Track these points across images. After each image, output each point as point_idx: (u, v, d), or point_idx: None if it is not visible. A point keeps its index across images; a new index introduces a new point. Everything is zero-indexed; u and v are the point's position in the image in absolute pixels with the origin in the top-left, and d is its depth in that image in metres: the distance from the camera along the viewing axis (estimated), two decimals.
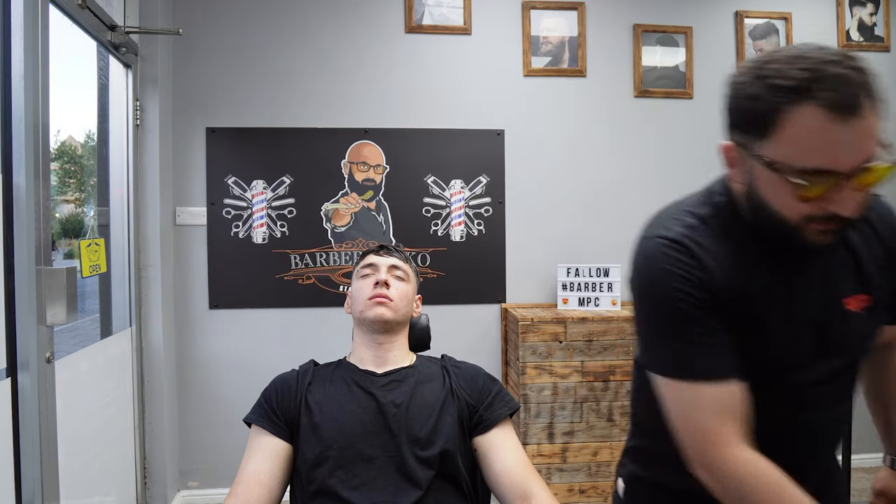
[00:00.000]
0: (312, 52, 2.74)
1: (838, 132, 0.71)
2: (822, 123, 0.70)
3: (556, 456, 2.49)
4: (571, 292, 2.73)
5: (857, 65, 0.73)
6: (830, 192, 0.74)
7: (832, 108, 0.70)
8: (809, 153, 0.72)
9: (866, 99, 0.71)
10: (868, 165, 0.74)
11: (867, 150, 0.73)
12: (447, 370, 1.26)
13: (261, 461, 1.12)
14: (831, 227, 0.78)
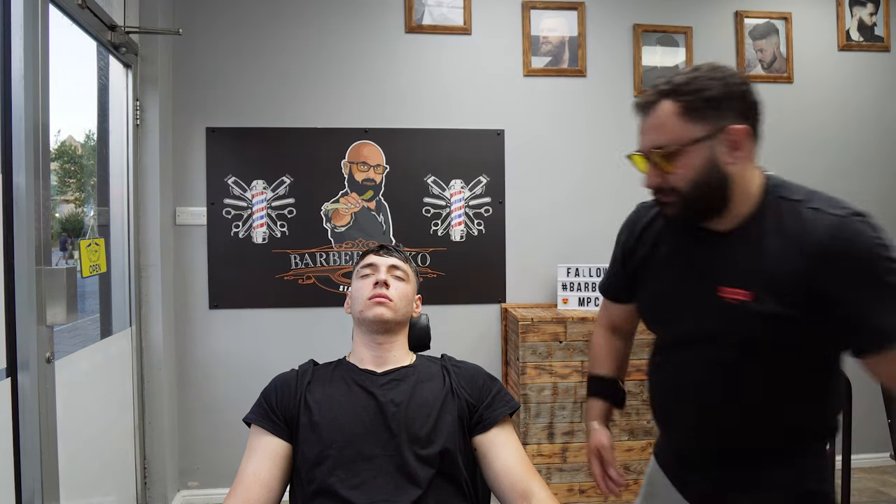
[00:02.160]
0: (312, 52, 2.74)
1: (641, 122, 1.02)
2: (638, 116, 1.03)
3: (556, 456, 2.49)
4: (571, 292, 2.73)
5: (681, 77, 0.97)
6: (641, 164, 1.03)
7: (636, 106, 1.03)
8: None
9: (663, 98, 0.97)
10: (653, 149, 0.98)
11: (654, 138, 0.98)
12: (447, 370, 1.26)
13: (261, 461, 1.12)
14: (662, 199, 1.02)
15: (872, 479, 2.89)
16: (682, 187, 0.98)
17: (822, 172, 2.99)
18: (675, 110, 0.96)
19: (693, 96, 0.95)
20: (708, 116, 0.95)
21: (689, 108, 0.95)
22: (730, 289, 0.98)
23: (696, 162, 0.96)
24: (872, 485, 2.82)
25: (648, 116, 0.99)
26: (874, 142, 3.02)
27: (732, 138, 0.95)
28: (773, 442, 1.03)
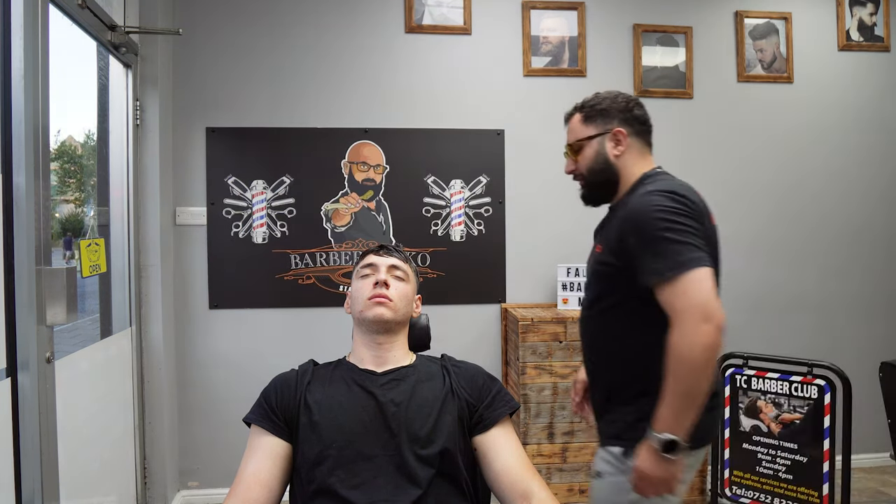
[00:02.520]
0: (312, 52, 2.74)
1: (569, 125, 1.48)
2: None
3: (556, 456, 2.49)
4: (571, 292, 2.73)
5: (588, 100, 1.45)
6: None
7: (564, 118, 1.50)
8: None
9: (574, 113, 1.46)
10: (570, 146, 1.46)
11: (569, 138, 1.47)
12: (447, 369, 1.26)
13: (261, 461, 1.12)
14: (579, 183, 1.50)
15: (872, 479, 2.89)
16: (584, 172, 1.44)
17: (822, 172, 2.99)
18: (580, 118, 1.44)
19: (590, 108, 1.42)
20: (598, 121, 1.40)
21: (587, 115, 1.42)
22: (597, 246, 1.41)
23: (590, 153, 1.41)
24: (872, 485, 2.82)
25: (567, 125, 1.48)
26: (874, 142, 3.02)
27: (615, 136, 1.39)
28: (618, 383, 1.32)
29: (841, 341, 3.00)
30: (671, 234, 1.16)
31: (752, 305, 2.96)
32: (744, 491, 2.42)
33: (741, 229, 2.95)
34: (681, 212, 1.19)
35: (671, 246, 1.15)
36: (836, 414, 2.23)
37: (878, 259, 3.03)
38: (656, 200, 1.21)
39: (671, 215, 1.18)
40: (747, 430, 2.42)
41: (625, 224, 1.25)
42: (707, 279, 1.12)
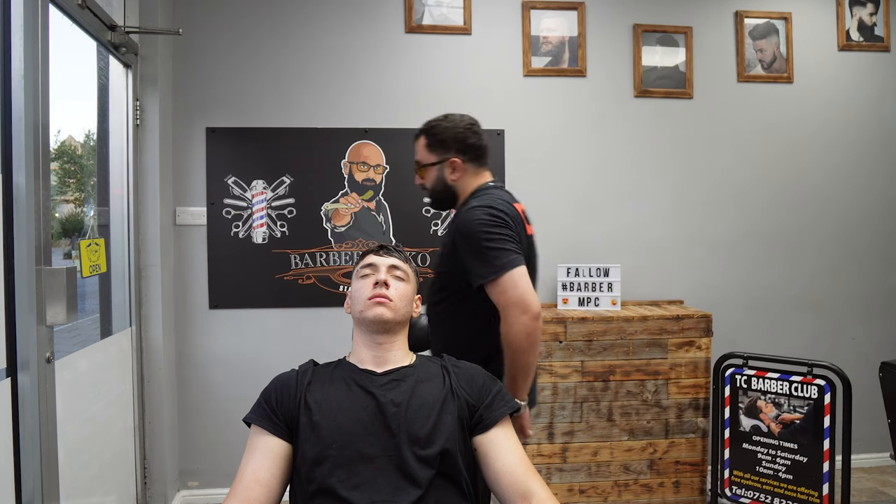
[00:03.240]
0: (312, 52, 2.74)
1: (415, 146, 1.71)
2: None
3: (556, 456, 2.49)
4: (571, 292, 2.73)
5: (434, 121, 1.68)
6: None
7: (415, 135, 1.71)
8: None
9: (420, 135, 1.68)
10: (417, 164, 1.70)
11: (417, 157, 1.69)
12: (447, 370, 1.26)
13: (260, 461, 1.12)
14: (424, 193, 1.74)
15: (872, 479, 2.89)
16: (429, 188, 1.69)
17: (822, 172, 2.99)
18: (424, 142, 1.66)
19: (432, 136, 1.65)
20: (438, 150, 1.65)
21: (430, 143, 1.66)
22: (438, 249, 1.71)
23: (432, 176, 1.67)
24: (872, 485, 2.82)
25: (415, 143, 1.70)
26: (874, 142, 3.02)
27: (451, 164, 1.64)
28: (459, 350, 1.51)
29: (841, 341, 3.00)
30: (490, 242, 1.45)
31: (751, 305, 2.96)
32: (744, 491, 2.42)
33: (741, 229, 2.95)
34: (496, 223, 1.48)
35: (490, 253, 1.44)
36: (836, 414, 2.23)
37: (877, 259, 3.03)
38: (477, 215, 1.49)
39: (488, 227, 1.47)
40: (747, 430, 2.42)
41: (456, 234, 1.53)
42: (521, 277, 1.43)
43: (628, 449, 2.52)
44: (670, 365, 2.52)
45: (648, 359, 2.51)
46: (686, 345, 2.53)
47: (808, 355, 2.72)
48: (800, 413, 2.30)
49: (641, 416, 2.51)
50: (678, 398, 2.53)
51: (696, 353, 2.53)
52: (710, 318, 2.55)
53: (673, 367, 2.52)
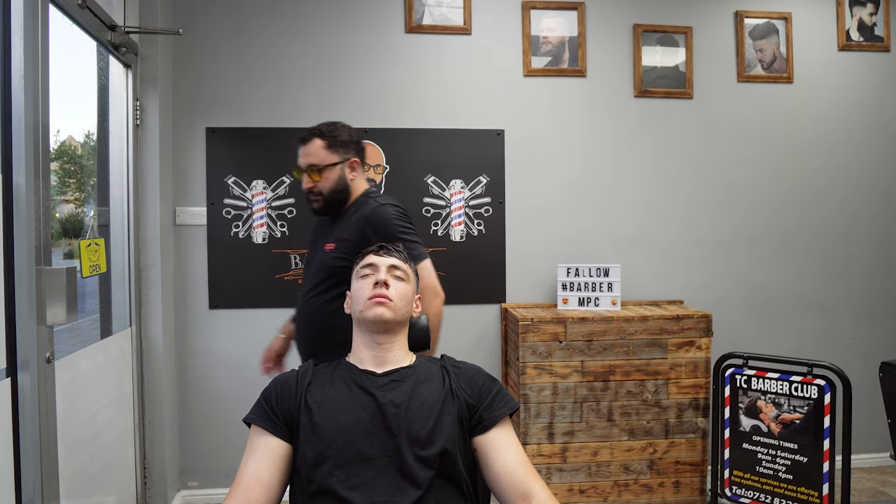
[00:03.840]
0: (312, 52, 2.74)
1: (300, 149, 1.76)
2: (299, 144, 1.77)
3: (556, 456, 2.49)
4: (571, 292, 2.73)
5: (326, 125, 1.77)
6: (302, 176, 1.76)
7: (299, 139, 1.77)
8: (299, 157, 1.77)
9: (313, 137, 1.74)
10: (311, 166, 1.73)
11: (310, 160, 1.73)
12: (447, 370, 1.26)
13: (260, 461, 1.12)
14: (311, 198, 1.76)
15: (872, 479, 2.89)
16: (325, 191, 1.73)
17: (822, 172, 2.99)
18: (322, 144, 1.73)
19: (332, 137, 1.74)
20: (340, 150, 1.74)
21: (331, 144, 1.73)
22: (327, 244, 1.73)
23: (333, 176, 1.73)
24: (872, 485, 2.82)
25: (306, 146, 1.74)
26: (874, 142, 3.02)
27: (352, 164, 1.76)
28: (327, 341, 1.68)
29: (841, 341, 3.00)
30: (405, 234, 1.67)
31: (752, 305, 2.96)
32: (744, 491, 2.42)
33: (741, 229, 2.95)
34: (407, 218, 1.73)
35: (407, 244, 1.57)
36: (836, 414, 2.23)
37: (878, 259, 3.03)
38: (390, 211, 1.69)
39: (402, 221, 1.70)
40: (747, 430, 2.42)
41: (368, 229, 1.66)
42: (432, 266, 1.71)
43: (628, 449, 2.52)
44: (670, 365, 2.52)
45: (648, 359, 2.51)
46: (686, 345, 2.53)
47: (808, 355, 2.72)
48: (800, 413, 2.30)
49: (641, 416, 2.51)
50: (678, 398, 2.53)
51: (696, 353, 2.53)
52: (710, 318, 2.55)
53: (673, 367, 2.52)
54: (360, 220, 1.69)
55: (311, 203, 1.76)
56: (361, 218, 1.69)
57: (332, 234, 1.73)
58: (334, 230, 1.74)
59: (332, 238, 1.72)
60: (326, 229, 1.78)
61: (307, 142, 1.73)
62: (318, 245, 1.78)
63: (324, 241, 1.75)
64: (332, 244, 1.71)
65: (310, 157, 1.72)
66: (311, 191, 1.73)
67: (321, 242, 1.76)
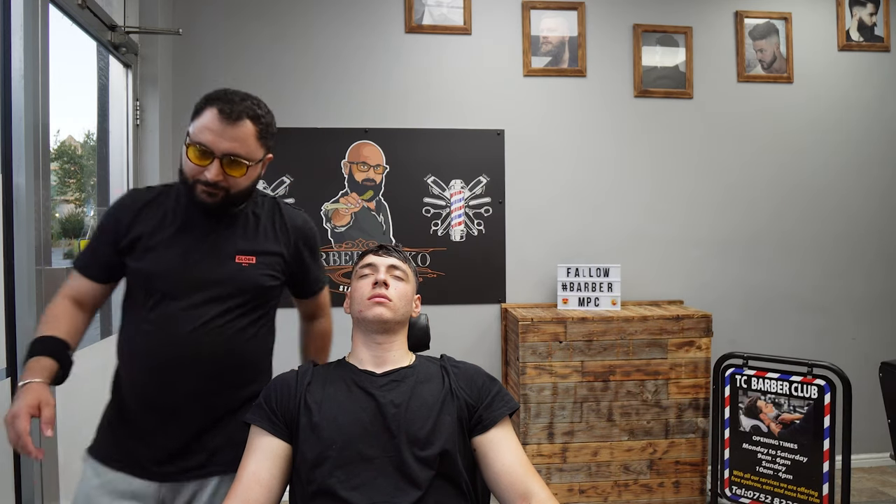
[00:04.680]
0: (312, 52, 2.74)
1: (220, 124, 1.24)
2: (213, 119, 1.25)
3: (556, 456, 2.49)
4: (571, 292, 2.73)
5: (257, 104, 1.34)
6: (207, 162, 1.23)
7: (224, 111, 1.25)
8: (202, 133, 1.24)
9: (246, 118, 1.27)
10: (232, 156, 1.25)
11: (235, 147, 1.25)
12: (446, 370, 1.26)
13: (260, 461, 1.12)
14: (206, 190, 1.25)
15: (872, 479, 2.89)
16: (235, 188, 1.29)
17: (821, 172, 2.99)
18: (255, 132, 1.29)
19: (265, 126, 1.34)
20: (266, 145, 1.37)
21: (262, 134, 1.32)
22: (241, 256, 1.33)
23: (253, 173, 1.33)
24: (872, 485, 2.82)
25: (233, 126, 1.25)
26: (874, 142, 3.02)
27: (266, 162, 1.40)
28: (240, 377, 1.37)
29: (841, 341, 3.00)
30: (320, 256, 1.53)
31: (752, 305, 2.96)
32: (744, 491, 2.42)
33: (741, 229, 2.95)
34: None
35: (318, 267, 1.51)
36: (836, 414, 2.23)
37: (878, 259, 3.03)
38: (310, 220, 1.48)
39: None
40: (747, 430, 2.42)
41: (301, 242, 1.42)
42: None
43: (628, 449, 2.52)
44: (670, 365, 2.52)
45: (648, 359, 2.51)
46: (686, 345, 2.53)
47: (808, 355, 2.72)
48: (800, 413, 2.30)
49: (641, 416, 2.51)
50: (678, 398, 2.53)
51: (696, 353, 2.53)
52: (709, 318, 2.55)
53: (673, 367, 2.52)
54: (291, 231, 1.39)
55: (202, 195, 1.25)
56: (293, 228, 1.40)
57: (233, 243, 1.32)
58: (232, 238, 1.32)
59: (243, 249, 1.33)
60: (206, 232, 1.31)
61: (235, 122, 1.25)
62: (202, 250, 1.29)
63: (222, 250, 1.31)
64: (251, 257, 1.33)
65: (235, 144, 1.24)
66: (215, 184, 1.23)
67: (212, 249, 1.30)
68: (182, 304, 1.25)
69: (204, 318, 1.26)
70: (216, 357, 1.27)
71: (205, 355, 1.25)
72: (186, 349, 1.24)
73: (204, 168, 1.23)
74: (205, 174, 1.23)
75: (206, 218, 1.31)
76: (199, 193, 1.25)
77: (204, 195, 1.25)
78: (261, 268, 1.34)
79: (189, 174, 1.25)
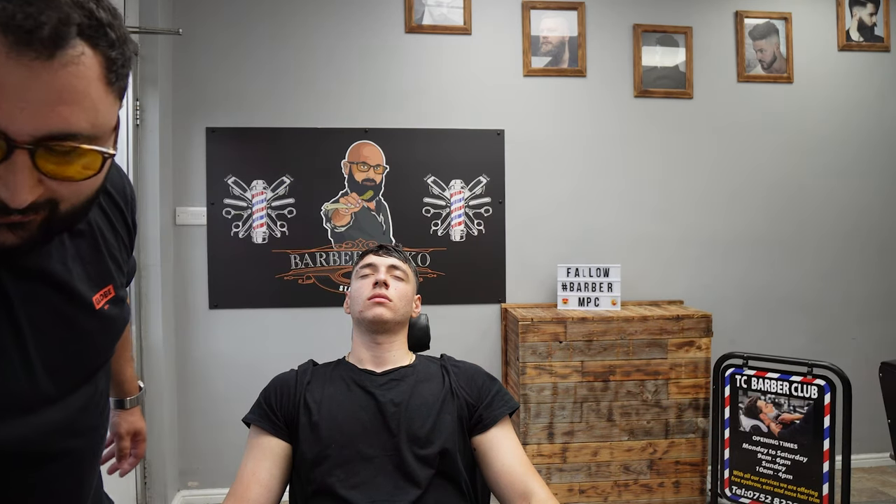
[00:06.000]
0: (312, 52, 2.74)
1: (13, 71, 0.46)
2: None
3: (556, 456, 2.49)
4: (571, 292, 2.73)
5: (112, 20, 0.52)
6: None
7: (7, 30, 0.45)
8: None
9: (71, 37, 0.48)
10: (57, 139, 0.49)
11: (63, 115, 0.49)
12: (446, 369, 1.26)
13: (260, 461, 1.12)
14: (4, 221, 0.51)
15: (872, 479, 2.89)
16: (73, 201, 0.55)
17: (821, 172, 2.98)
18: (99, 71, 0.51)
19: (119, 48, 0.53)
20: (121, 89, 0.56)
21: (114, 70, 0.53)
22: (100, 292, 0.70)
23: (106, 165, 0.56)
24: (872, 485, 2.82)
25: (49, 64, 0.47)
26: (874, 142, 3.02)
27: (116, 127, 0.57)
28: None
29: (841, 341, 3.00)
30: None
31: (751, 305, 2.96)
32: (744, 491, 2.42)
33: (741, 229, 2.95)
34: None
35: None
36: (836, 414, 2.23)
37: (878, 259, 3.03)
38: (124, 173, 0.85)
39: None
40: (747, 430, 2.42)
41: (131, 212, 0.83)
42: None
43: (628, 449, 2.52)
44: (670, 365, 2.52)
45: (648, 359, 2.51)
46: (686, 345, 2.53)
47: (808, 355, 2.72)
48: (800, 413, 2.30)
49: (641, 416, 2.51)
50: (678, 398, 2.53)
51: (696, 353, 2.53)
52: (709, 318, 2.55)
53: (673, 367, 2.52)
54: (119, 216, 0.79)
55: (11, 231, 0.53)
56: (123, 198, 0.81)
57: (89, 262, 0.70)
58: (79, 261, 0.69)
59: (102, 278, 0.72)
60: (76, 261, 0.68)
61: (53, 53, 0.47)
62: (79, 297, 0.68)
63: (93, 287, 0.70)
64: (109, 287, 0.73)
65: (65, 107, 0.49)
66: (29, 208, 0.51)
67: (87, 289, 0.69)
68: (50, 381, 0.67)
69: (85, 400, 0.73)
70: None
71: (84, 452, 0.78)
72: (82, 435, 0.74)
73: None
74: (19, 196, 0.50)
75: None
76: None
77: (9, 235, 0.53)
78: (121, 301, 0.77)
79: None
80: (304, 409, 1.16)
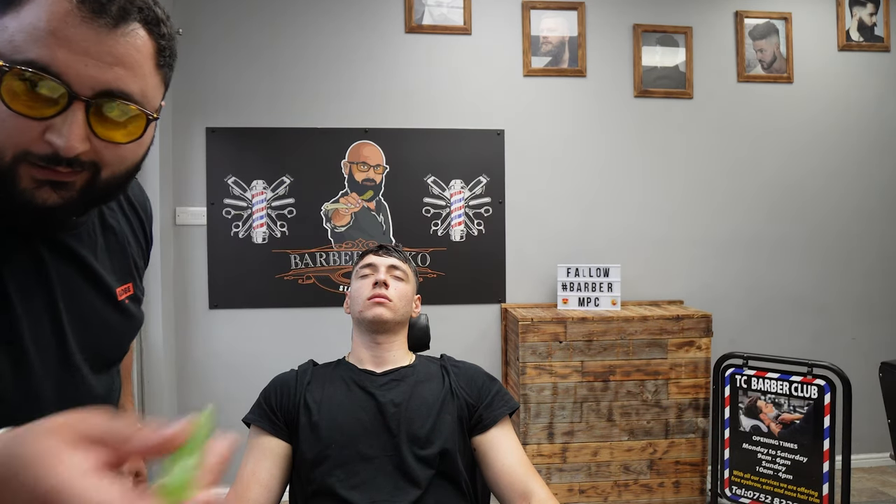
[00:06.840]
0: (312, 52, 2.74)
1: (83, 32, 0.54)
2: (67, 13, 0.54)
3: (556, 456, 2.49)
4: (571, 292, 2.73)
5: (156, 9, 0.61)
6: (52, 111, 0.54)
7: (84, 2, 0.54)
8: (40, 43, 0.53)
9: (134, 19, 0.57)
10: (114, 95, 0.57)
11: (121, 75, 0.57)
12: (446, 370, 1.26)
13: (259, 461, 1.12)
14: (50, 177, 0.56)
15: (872, 479, 2.89)
16: (115, 168, 0.61)
17: (821, 172, 2.98)
18: (152, 52, 0.60)
19: (168, 42, 0.62)
20: (167, 79, 0.65)
21: (163, 56, 0.62)
22: (122, 287, 0.76)
23: (149, 137, 0.64)
24: (872, 485, 2.82)
25: (113, 34, 0.56)
26: (874, 142, 3.02)
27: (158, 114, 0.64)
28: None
29: (841, 341, 2.99)
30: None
31: (752, 305, 2.96)
32: (744, 491, 2.42)
33: (741, 229, 2.95)
34: None
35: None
36: (836, 414, 2.23)
37: (877, 259, 3.03)
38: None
39: None
40: (747, 430, 2.42)
41: (151, 237, 0.90)
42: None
43: (628, 449, 2.52)
44: (670, 365, 2.52)
45: (648, 359, 2.51)
46: (686, 345, 2.53)
47: (808, 355, 2.72)
48: (800, 413, 2.30)
49: (641, 416, 2.51)
50: (678, 398, 2.53)
51: (696, 353, 2.53)
52: (710, 318, 2.55)
53: (673, 367, 2.52)
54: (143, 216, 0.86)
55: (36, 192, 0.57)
56: (143, 208, 0.86)
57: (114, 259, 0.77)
58: (107, 252, 0.75)
59: (120, 271, 0.77)
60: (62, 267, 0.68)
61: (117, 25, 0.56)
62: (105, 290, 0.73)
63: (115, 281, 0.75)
64: (128, 284, 0.78)
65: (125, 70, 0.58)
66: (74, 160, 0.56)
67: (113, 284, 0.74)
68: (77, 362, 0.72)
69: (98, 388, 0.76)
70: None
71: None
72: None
73: (45, 123, 0.55)
74: (52, 139, 0.55)
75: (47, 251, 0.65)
76: (26, 188, 0.56)
77: (43, 191, 0.57)
78: (137, 296, 0.82)
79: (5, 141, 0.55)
80: (304, 409, 1.16)
